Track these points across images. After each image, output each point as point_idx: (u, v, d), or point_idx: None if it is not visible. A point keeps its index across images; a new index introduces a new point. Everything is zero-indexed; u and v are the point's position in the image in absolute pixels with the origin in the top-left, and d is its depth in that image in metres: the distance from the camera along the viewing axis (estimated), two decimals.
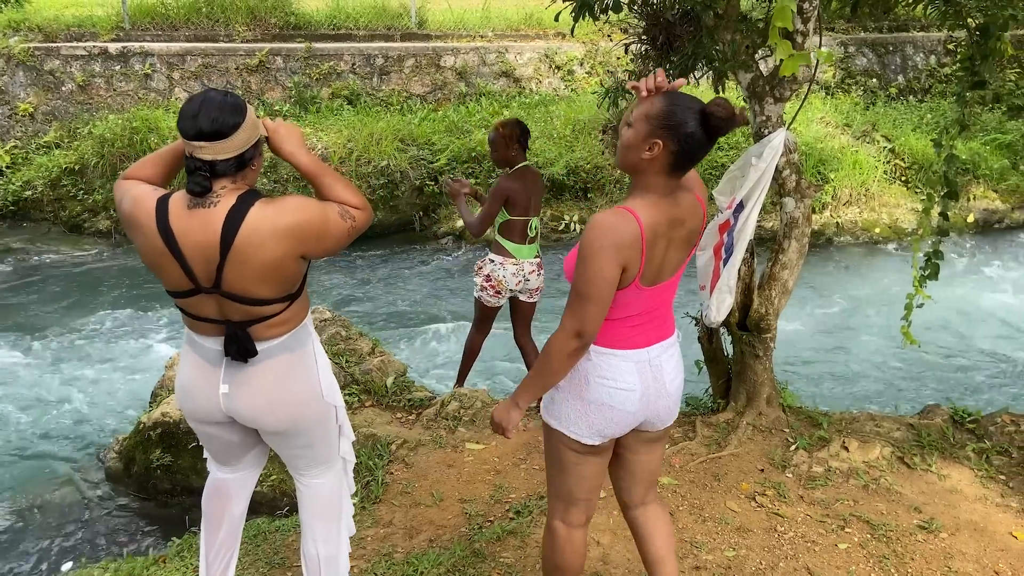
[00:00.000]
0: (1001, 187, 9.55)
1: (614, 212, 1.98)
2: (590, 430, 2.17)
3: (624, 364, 2.13)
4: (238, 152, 2.08)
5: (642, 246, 1.98)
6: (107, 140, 8.93)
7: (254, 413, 2.26)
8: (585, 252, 1.98)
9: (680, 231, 2.08)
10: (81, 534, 4.10)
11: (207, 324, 2.21)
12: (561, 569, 2.36)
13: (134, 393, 5.51)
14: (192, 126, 2.03)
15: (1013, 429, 3.68)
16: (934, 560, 2.96)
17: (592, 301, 1.99)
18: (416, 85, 10.86)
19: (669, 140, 1.95)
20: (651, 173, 2.01)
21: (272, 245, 2.06)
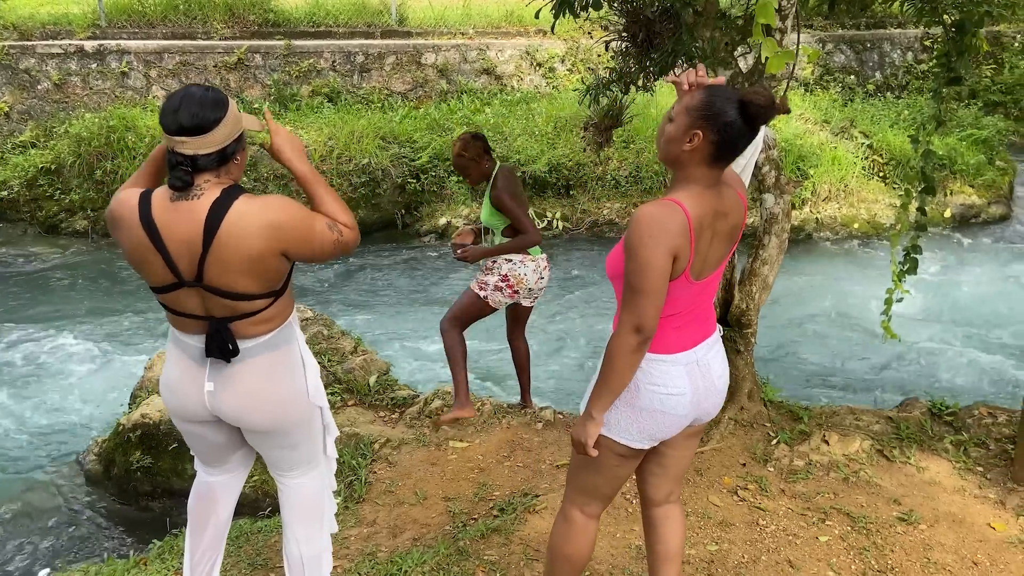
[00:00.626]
0: (977, 182, 9.66)
1: (660, 204, 1.97)
2: (642, 435, 2.15)
3: (674, 369, 2.11)
4: (220, 147, 2.07)
5: (691, 236, 1.97)
6: (84, 139, 8.83)
7: (238, 412, 2.25)
8: (635, 245, 1.95)
9: (723, 224, 2.07)
10: (60, 537, 4.05)
11: (191, 321, 2.19)
12: (571, 559, 2.34)
13: (113, 395, 5.46)
14: (173, 121, 2.02)
15: (990, 421, 3.73)
16: (913, 552, 2.99)
17: (647, 293, 1.95)
18: (397, 83, 10.83)
19: (709, 130, 1.95)
20: (693, 165, 2.01)
21: (254, 239, 2.05)
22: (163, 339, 6.52)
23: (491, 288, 3.89)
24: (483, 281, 3.91)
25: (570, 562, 2.35)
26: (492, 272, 3.92)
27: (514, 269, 3.89)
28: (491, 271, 3.93)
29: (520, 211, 3.77)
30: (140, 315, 7.15)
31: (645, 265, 1.93)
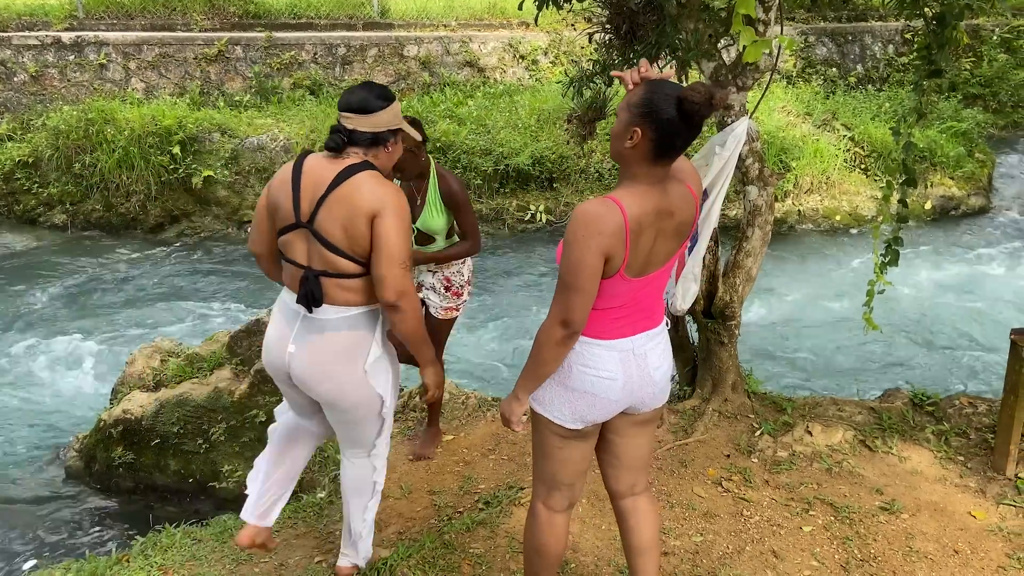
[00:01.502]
0: (957, 174, 9.74)
1: (598, 202, 1.99)
2: (573, 415, 2.19)
3: (607, 353, 2.14)
4: (374, 129, 2.42)
5: (626, 236, 1.97)
6: (62, 132, 8.72)
7: (304, 376, 2.48)
8: (569, 241, 1.98)
9: (669, 222, 2.06)
10: (41, 534, 4.02)
11: (294, 271, 2.43)
12: (540, 552, 2.37)
13: (93, 390, 5.40)
14: (345, 100, 2.44)
15: (971, 411, 3.76)
16: (896, 540, 3.02)
17: (575, 290, 1.99)
18: (379, 75, 10.76)
19: (648, 127, 1.96)
20: (635, 162, 2.02)
21: (363, 201, 2.33)
22: (143, 334, 6.46)
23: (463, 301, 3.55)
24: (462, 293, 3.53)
25: (540, 555, 2.37)
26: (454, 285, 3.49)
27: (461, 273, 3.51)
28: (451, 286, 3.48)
29: (473, 217, 3.42)
30: (120, 311, 7.08)
31: (576, 263, 1.98)
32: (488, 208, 8.94)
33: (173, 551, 3.05)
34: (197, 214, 8.96)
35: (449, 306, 3.51)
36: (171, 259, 8.35)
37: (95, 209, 8.86)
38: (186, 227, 8.93)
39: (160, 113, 8.91)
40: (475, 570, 2.91)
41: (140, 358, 4.65)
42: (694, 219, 2.15)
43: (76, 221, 8.89)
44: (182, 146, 8.70)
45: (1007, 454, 3.33)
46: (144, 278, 7.85)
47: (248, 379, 4.23)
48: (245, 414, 4.16)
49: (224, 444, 4.19)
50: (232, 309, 7.16)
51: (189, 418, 4.23)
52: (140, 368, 4.58)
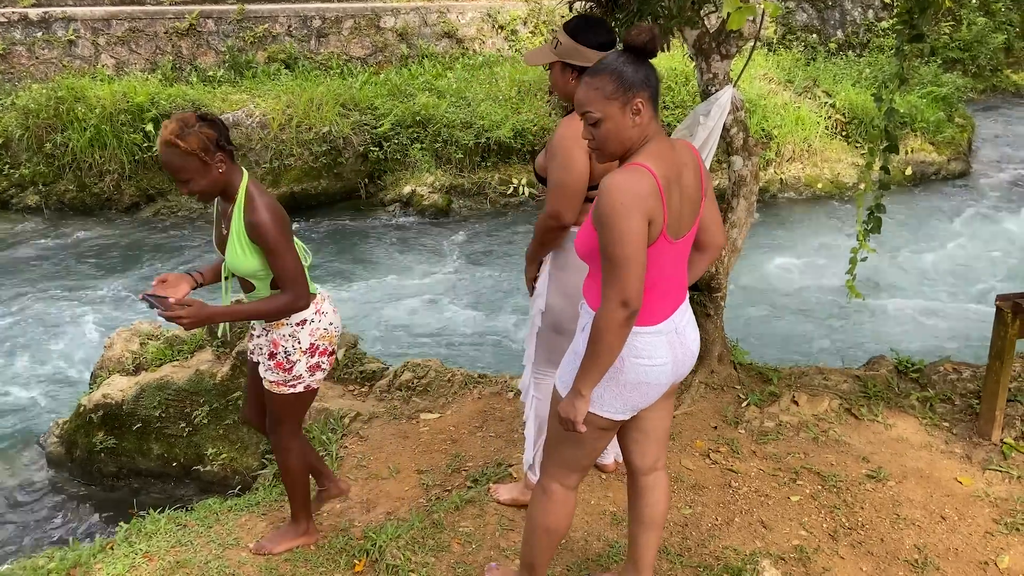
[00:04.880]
0: (937, 139, 9.76)
1: (626, 170, 1.97)
2: (624, 407, 2.16)
3: (657, 339, 2.11)
4: None
5: (661, 195, 1.96)
6: (31, 111, 8.52)
7: None
8: (608, 215, 1.92)
9: (687, 177, 2.08)
10: (23, 522, 3.96)
11: None
12: (552, 531, 2.34)
13: (72, 375, 5.32)
14: (602, 39, 2.59)
15: (955, 377, 3.78)
16: (883, 508, 3.04)
17: (629, 262, 1.92)
18: (356, 47, 10.59)
19: (642, 93, 1.98)
20: (647, 129, 2.02)
21: None
22: (121, 317, 6.36)
23: (303, 378, 2.67)
24: (275, 380, 2.66)
25: (551, 534, 2.35)
26: (272, 351, 2.65)
27: (319, 324, 2.67)
28: (278, 350, 2.63)
29: (292, 258, 2.53)
30: (97, 293, 6.97)
31: (623, 234, 1.91)
32: (470, 182, 8.86)
33: (158, 537, 3.01)
34: (173, 193, 8.81)
35: (276, 379, 2.65)
36: (148, 239, 8.22)
37: (68, 190, 8.69)
38: (162, 206, 8.79)
39: (131, 90, 8.72)
40: (465, 548, 2.89)
41: (119, 341, 4.57)
42: (701, 176, 2.15)
43: (49, 202, 8.72)
44: (155, 123, 8.52)
45: (992, 419, 3.35)
46: (121, 260, 7.72)
47: (230, 361, 4.17)
48: (228, 396, 4.11)
49: (207, 427, 4.14)
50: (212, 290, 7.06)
51: (171, 401, 4.17)
52: (119, 352, 4.51)
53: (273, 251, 2.49)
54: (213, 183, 2.46)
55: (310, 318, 2.66)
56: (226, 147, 2.45)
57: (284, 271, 2.52)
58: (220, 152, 2.43)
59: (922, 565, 2.77)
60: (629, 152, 2.04)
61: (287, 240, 2.52)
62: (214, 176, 2.45)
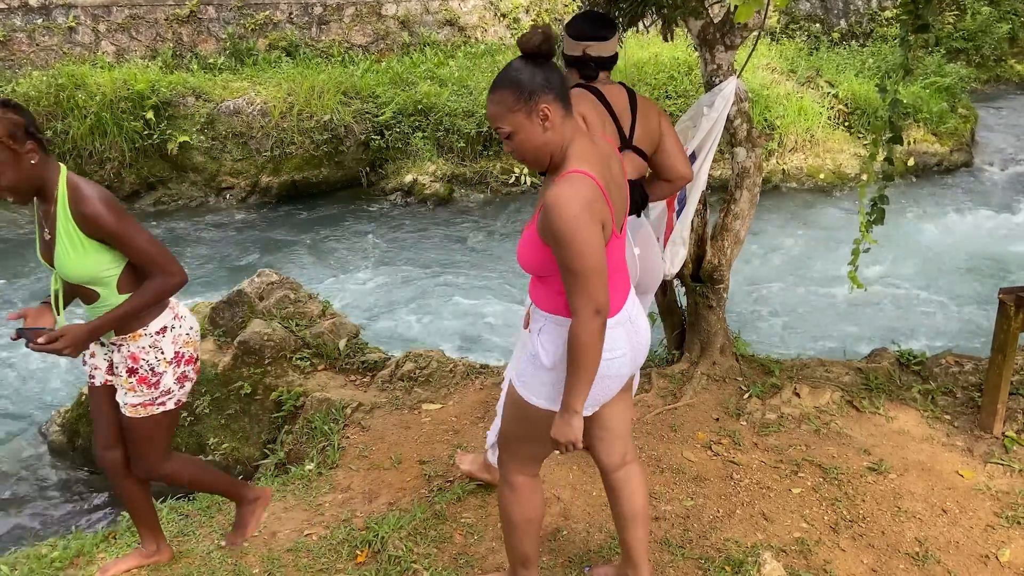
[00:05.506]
0: (940, 130, 9.72)
1: (568, 181, 1.94)
2: (587, 404, 2.14)
3: (615, 332, 2.11)
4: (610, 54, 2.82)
5: (605, 197, 1.97)
6: (32, 98, 8.47)
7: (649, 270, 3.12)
8: (562, 231, 1.89)
9: (614, 167, 2.09)
10: (25, 511, 3.97)
11: None
12: (530, 520, 2.35)
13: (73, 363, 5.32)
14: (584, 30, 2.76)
15: (957, 370, 3.78)
16: (884, 500, 3.04)
17: (593, 272, 1.92)
18: (357, 35, 10.54)
19: (545, 97, 1.94)
20: (563, 133, 1.99)
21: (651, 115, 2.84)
22: None
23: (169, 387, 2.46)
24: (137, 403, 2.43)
25: (529, 523, 2.36)
26: (133, 367, 2.41)
27: (180, 330, 2.48)
28: (130, 368, 2.41)
29: (145, 236, 2.32)
30: None
31: (582, 245, 1.90)
32: (471, 171, 8.84)
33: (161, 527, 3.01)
34: (174, 181, 8.80)
35: (141, 400, 2.42)
36: (149, 227, 8.20)
37: None
38: (163, 194, 8.78)
39: (132, 77, 8.68)
40: (467, 540, 2.90)
41: None
42: (620, 159, 2.18)
43: None
44: (156, 111, 8.50)
45: (994, 413, 3.35)
46: None
47: (232, 351, 4.17)
48: (229, 386, 4.11)
49: (209, 417, 4.14)
50: (212, 280, 7.06)
51: None
52: None
53: (120, 236, 2.25)
54: (26, 177, 2.19)
55: (170, 324, 2.44)
56: (36, 135, 2.20)
57: (142, 252, 2.29)
58: (30, 140, 2.18)
59: (923, 558, 2.77)
60: (555, 157, 2.02)
61: (131, 220, 2.28)
62: (26, 169, 2.18)
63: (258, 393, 4.09)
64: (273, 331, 4.19)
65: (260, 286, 4.50)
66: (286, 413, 3.96)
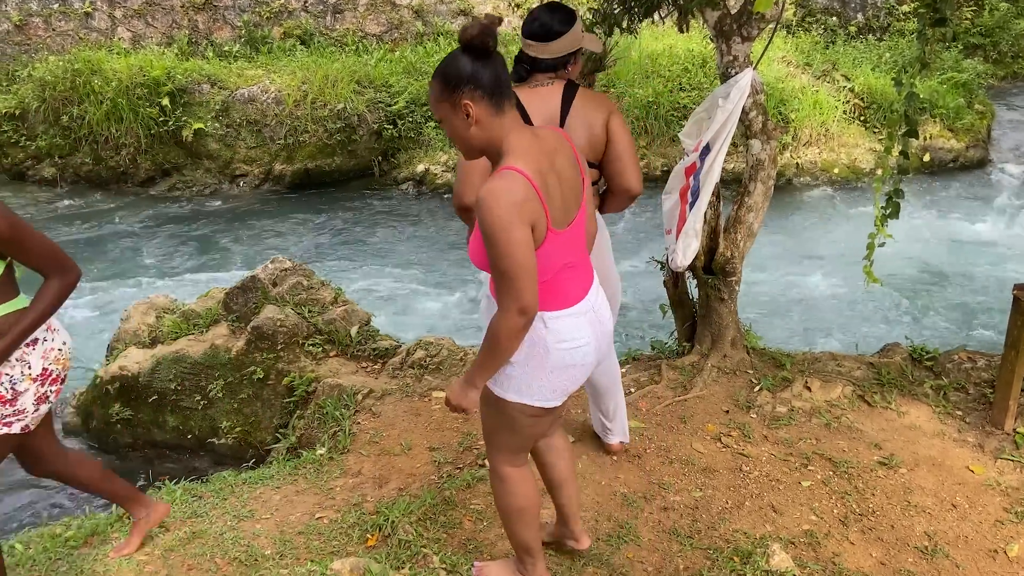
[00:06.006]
0: (956, 126, 9.64)
1: (498, 177, 1.93)
2: (554, 394, 2.19)
3: (577, 320, 2.14)
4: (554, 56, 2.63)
5: (538, 194, 1.95)
6: (48, 83, 8.53)
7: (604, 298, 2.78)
8: (489, 228, 1.89)
9: (561, 162, 2.07)
10: (39, 492, 4.02)
11: None
12: (525, 509, 2.39)
13: (88, 346, 5.37)
14: (527, 28, 2.63)
15: (970, 366, 3.76)
16: (894, 495, 3.04)
17: (519, 271, 1.91)
18: (371, 24, 10.53)
19: (469, 92, 1.94)
20: (490, 128, 1.98)
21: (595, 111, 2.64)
22: (137, 290, 6.41)
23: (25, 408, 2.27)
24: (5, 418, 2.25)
25: (525, 512, 2.40)
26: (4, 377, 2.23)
27: (52, 344, 2.34)
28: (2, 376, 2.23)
29: (39, 237, 2.21)
30: (114, 265, 7.02)
31: (507, 244, 1.89)
32: None
33: (174, 508, 3.05)
34: (188, 167, 8.84)
35: None
36: (163, 214, 8.26)
37: (84, 163, 8.73)
38: (177, 181, 8.82)
39: (148, 64, 8.72)
40: (476, 526, 2.92)
41: (135, 314, 4.61)
42: (574, 152, 2.16)
43: (65, 175, 8.76)
44: (171, 98, 8.53)
45: (1006, 409, 3.34)
46: (136, 233, 7.76)
47: (245, 336, 4.20)
48: (242, 371, 4.14)
49: (222, 401, 4.18)
50: (226, 265, 7.11)
51: (186, 375, 4.21)
52: (135, 324, 4.54)
53: (10, 240, 2.10)
54: None
55: (42, 336, 2.26)
56: None
57: (35, 255, 2.17)
58: None
59: (932, 552, 2.77)
60: (488, 151, 2.02)
61: (18, 220, 2.12)
62: None
63: (270, 378, 4.11)
64: (286, 317, 4.22)
65: (273, 272, 4.52)
66: (298, 398, 3.99)
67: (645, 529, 2.89)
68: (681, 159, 3.55)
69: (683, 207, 3.48)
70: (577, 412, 3.59)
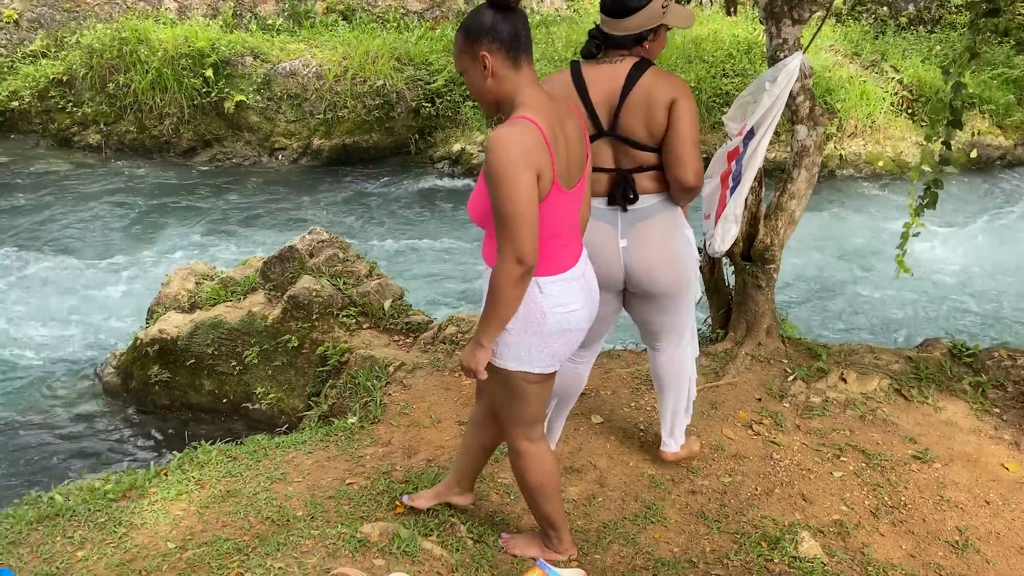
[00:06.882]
0: (1006, 123, 9.42)
1: (510, 124, 1.97)
2: (552, 359, 2.22)
3: (570, 285, 2.18)
4: (627, 33, 2.52)
5: (547, 145, 1.97)
6: (96, 51, 8.67)
7: (649, 266, 2.61)
8: (495, 172, 1.91)
9: (571, 129, 2.10)
10: (81, 447, 4.13)
11: (601, 177, 2.57)
12: (545, 484, 2.41)
13: (128, 310, 5.48)
14: (601, 3, 2.55)
15: (1010, 364, 3.69)
16: (927, 489, 3.00)
17: (520, 219, 1.93)
18: (413, 1, 10.53)
19: (488, 45, 1.99)
20: (507, 82, 2.03)
21: (659, 94, 2.49)
22: (177, 257, 6.51)
23: None
24: None
25: (545, 487, 2.42)
26: None
27: None
28: None
29: None
30: (156, 231, 7.14)
31: (511, 190, 1.91)
32: None
33: (209, 467, 3.11)
34: (229, 139, 8.94)
35: None
36: (203, 183, 8.36)
37: (128, 131, 8.86)
38: (218, 152, 8.92)
39: (193, 35, 8.81)
40: (503, 499, 2.94)
41: (176, 280, 4.69)
42: (583, 125, 2.21)
43: (110, 142, 8.91)
44: (214, 69, 8.62)
45: None
46: (177, 202, 7.88)
47: (281, 305, 4.26)
48: (278, 339, 4.20)
49: (257, 367, 4.25)
50: (263, 235, 7.19)
51: (223, 340, 4.28)
52: (175, 289, 4.63)
53: None
54: None
55: None
56: None
57: None
58: None
59: (962, 547, 2.74)
60: (503, 105, 2.06)
61: None
62: None
63: (305, 347, 4.17)
64: (322, 288, 4.26)
65: (311, 243, 4.57)
66: (331, 368, 4.04)
67: (672, 511, 2.89)
68: (723, 143, 3.50)
69: (723, 192, 3.44)
70: (607, 393, 3.59)
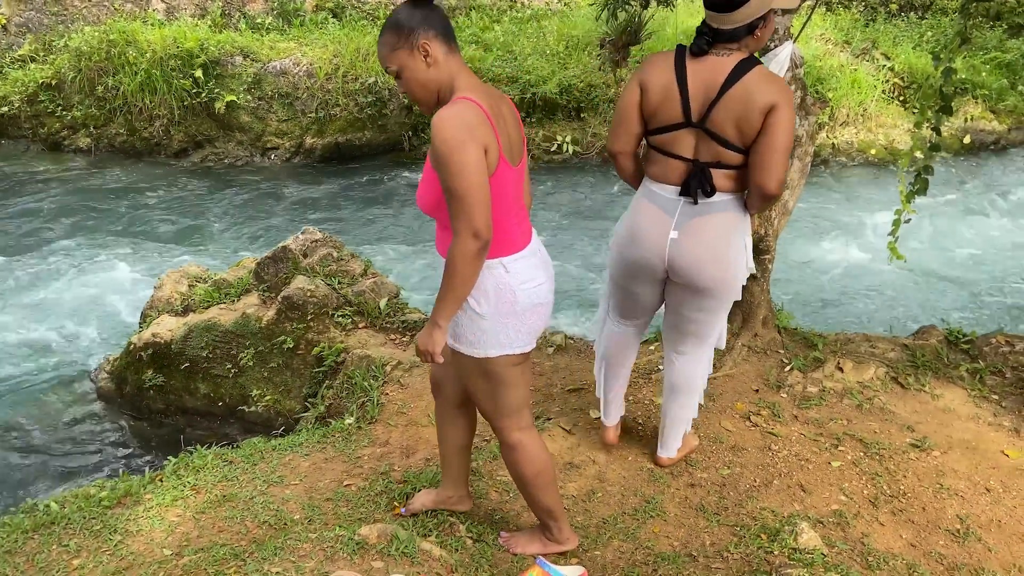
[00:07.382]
0: (999, 107, 9.42)
1: (451, 105, 1.99)
2: (528, 336, 2.25)
3: (532, 260, 2.21)
4: (735, 25, 2.40)
5: (490, 121, 2.00)
6: (84, 53, 8.61)
7: (693, 261, 2.55)
8: (442, 151, 1.93)
9: (505, 110, 2.13)
10: (75, 453, 4.10)
11: (675, 165, 2.52)
12: (539, 474, 2.42)
13: (122, 313, 5.45)
14: None
15: (1007, 350, 3.69)
16: (926, 477, 3.00)
17: (471, 194, 1.94)
18: None
19: (425, 33, 2.01)
20: (447, 68, 2.05)
21: (759, 97, 2.38)
22: (170, 259, 6.48)
23: None
24: None
25: (540, 477, 2.43)
26: None
27: None
28: None
29: None
30: (148, 235, 7.10)
31: (461, 166, 1.93)
32: None
33: (205, 472, 3.09)
34: (220, 140, 8.89)
35: None
36: (195, 185, 8.32)
37: (119, 133, 8.81)
38: (209, 153, 8.88)
39: (181, 35, 8.76)
40: (502, 497, 2.93)
41: (168, 283, 4.66)
42: (516, 112, 2.21)
43: (100, 145, 8.86)
44: (204, 69, 8.57)
45: None
46: (169, 204, 7.84)
47: (275, 306, 4.23)
48: (273, 340, 4.18)
49: (252, 369, 4.23)
50: (256, 236, 7.16)
51: (218, 343, 4.26)
52: (168, 292, 4.60)
53: None
54: None
55: None
56: None
57: None
58: None
59: (963, 535, 2.74)
60: (444, 92, 2.07)
61: None
62: None
63: (300, 348, 4.15)
64: (316, 288, 4.24)
65: (304, 243, 4.55)
66: (327, 368, 4.02)
67: (671, 504, 2.89)
68: None
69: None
70: None
